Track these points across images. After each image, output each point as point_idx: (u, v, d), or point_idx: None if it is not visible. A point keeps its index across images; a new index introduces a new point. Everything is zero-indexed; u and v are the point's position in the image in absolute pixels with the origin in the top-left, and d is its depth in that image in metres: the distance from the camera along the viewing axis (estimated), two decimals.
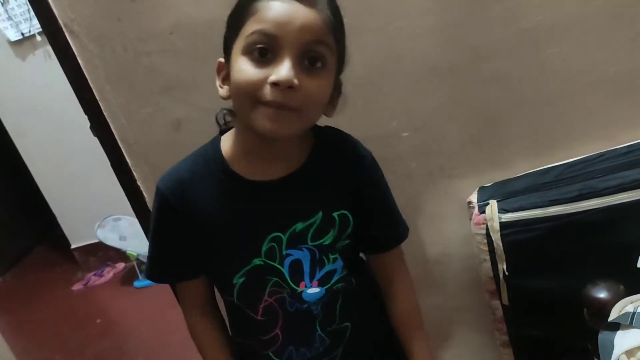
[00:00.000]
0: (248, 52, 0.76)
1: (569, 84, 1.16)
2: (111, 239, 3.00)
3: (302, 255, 0.87)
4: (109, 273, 3.23)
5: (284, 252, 0.86)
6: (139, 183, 1.29)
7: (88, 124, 1.28)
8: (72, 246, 3.37)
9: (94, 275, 3.24)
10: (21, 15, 2.80)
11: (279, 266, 0.86)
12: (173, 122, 1.23)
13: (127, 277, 3.13)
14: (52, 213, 3.28)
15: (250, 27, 0.76)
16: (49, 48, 2.65)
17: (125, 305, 2.93)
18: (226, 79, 0.83)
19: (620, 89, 1.15)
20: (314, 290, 0.88)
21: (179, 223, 0.88)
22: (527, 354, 1.26)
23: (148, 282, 2.94)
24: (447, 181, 1.26)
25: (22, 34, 2.83)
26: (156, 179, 1.29)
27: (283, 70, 0.73)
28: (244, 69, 0.76)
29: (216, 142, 0.90)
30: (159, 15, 1.15)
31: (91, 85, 1.22)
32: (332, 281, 0.89)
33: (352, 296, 0.93)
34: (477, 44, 1.15)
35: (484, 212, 1.15)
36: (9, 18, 2.81)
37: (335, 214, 0.87)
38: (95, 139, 1.29)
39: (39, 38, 2.81)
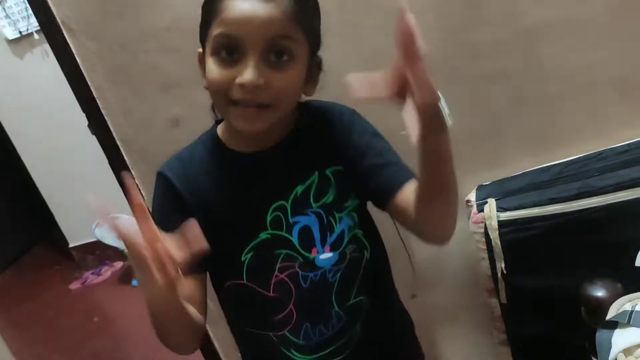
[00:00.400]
0: (215, 53, 0.78)
1: (567, 83, 1.16)
2: (109, 238, 2.98)
3: (310, 220, 0.87)
4: (106, 272, 3.22)
5: (291, 220, 0.87)
6: (137, 181, 1.29)
7: (86, 122, 1.28)
8: (70, 245, 3.37)
9: (92, 273, 3.24)
10: (19, 13, 2.80)
11: (287, 235, 0.87)
12: (171, 120, 1.23)
13: (125, 276, 3.12)
14: (50, 212, 3.28)
15: (215, 30, 0.78)
16: (46, 46, 2.64)
17: (122, 304, 2.93)
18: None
19: (618, 87, 1.16)
20: (326, 255, 0.88)
21: (185, 208, 0.87)
22: (525, 352, 1.26)
23: None
24: None
25: (20, 32, 2.82)
26: (154, 176, 1.29)
27: (247, 72, 0.75)
28: (213, 70, 0.79)
29: (212, 127, 0.93)
30: (157, 13, 1.15)
31: (89, 83, 1.22)
32: (344, 244, 0.89)
33: (368, 267, 0.92)
34: (476, 42, 1.15)
35: (482, 210, 1.15)
36: (7, 16, 2.80)
37: (328, 171, 0.88)
38: (93, 137, 1.28)
39: (36, 36, 2.80)
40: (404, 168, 0.89)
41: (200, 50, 0.86)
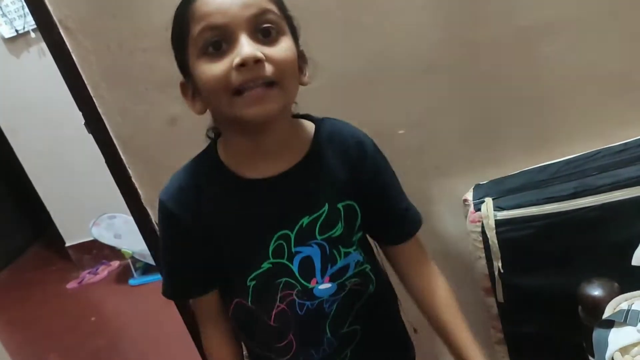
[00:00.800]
0: (203, 53, 0.75)
1: (565, 82, 1.16)
2: (106, 237, 2.99)
3: (312, 251, 0.85)
4: (103, 271, 3.22)
5: (293, 250, 0.84)
6: (134, 180, 1.29)
7: (83, 121, 1.27)
8: (67, 244, 3.36)
9: (89, 273, 3.23)
10: (15, 12, 2.79)
11: (287, 263, 0.85)
12: (169, 119, 1.23)
13: (122, 275, 3.12)
14: (47, 211, 3.27)
15: (195, 29, 0.75)
16: (43, 45, 2.64)
17: (120, 304, 2.92)
18: (195, 95, 0.82)
19: (616, 86, 1.16)
20: (325, 285, 0.85)
21: (186, 234, 0.87)
22: (522, 351, 1.26)
23: (143, 280, 2.95)
24: (442, 179, 1.26)
25: (16, 30, 2.82)
26: (152, 176, 1.29)
27: (244, 48, 0.72)
28: (207, 68, 0.75)
29: (211, 147, 0.89)
30: (155, 11, 1.15)
31: (86, 82, 1.21)
32: (345, 276, 0.87)
33: (368, 298, 0.91)
34: (474, 41, 1.15)
35: (479, 209, 1.15)
36: (3, 15, 2.79)
37: (339, 205, 0.85)
38: (90, 136, 1.28)
39: (33, 35, 2.80)
40: (416, 212, 0.95)
41: (183, 81, 0.84)
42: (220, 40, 0.74)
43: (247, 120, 0.76)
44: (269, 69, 0.74)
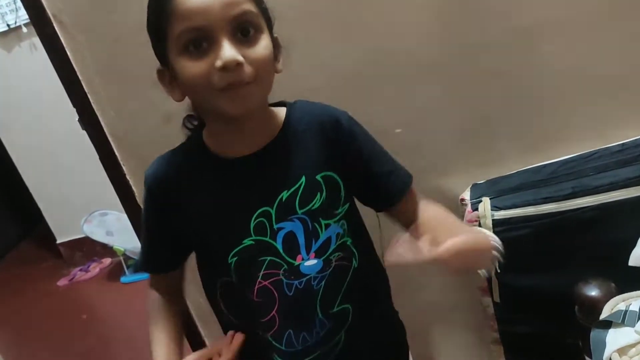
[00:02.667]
0: (184, 51, 0.77)
1: (562, 82, 1.16)
2: (98, 234, 2.97)
3: (294, 226, 0.85)
4: (95, 268, 3.20)
5: (275, 227, 0.85)
6: (128, 177, 1.28)
7: (75, 117, 1.26)
8: (58, 241, 3.33)
9: (80, 270, 3.21)
10: (7, 6, 2.76)
11: (271, 241, 0.85)
12: (164, 116, 1.22)
13: (114, 273, 3.10)
14: (38, 207, 3.24)
15: (176, 29, 0.76)
16: (35, 39, 2.62)
17: (111, 301, 2.90)
18: (173, 82, 0.83)
19: (613, 87, 1.16)
20: (311, 262, 0.86)
21: (164, 211, 0.90)
22: (518, 351, 1.26)
23: (135, 277, 2.93)
24: (439, 178, 1.26)
25: (8, 25, 2.79)
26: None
27: (225, 52, 0.74)
28: (188, 66, 0.77)
29: (197, 131, 0.92)
30: None
31: (80, 78, 1.20)
32: (329, 251, 0.87)
33: (356, 275, 0.91)
34: (471, 40, 1.14)
35: (476, 209, 1.15)
36: None
37: (318, 177, 0.86)
38: (83, 132, 1.27)
39: (25, 29, 2.77)
40: (404, 173, 0.94)
41: (159, 67, 0.84)
42: (201, 40, 0.76)
43: (228, 115, 0.79)
44: (248, 70, 0.76)
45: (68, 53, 1.19)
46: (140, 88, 1.20)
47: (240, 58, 0.74)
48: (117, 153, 1.26)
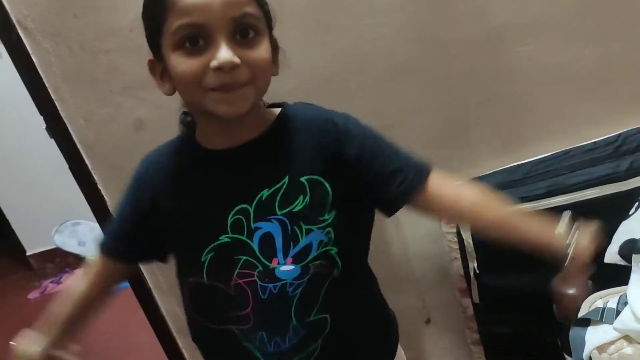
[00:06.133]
0: (179, 47, 0.75)
1: (536, 82, 1.17)
2: (69, 245, 2.91)
3: (272, 227, 0.82)
4: (67, 280, 3.14)
5: (253, 226, 0.82)
6: (99, 187, 1.24)
7: (44, 125, 1.22)
8: (28, 253, 3.28)
9: (52, 282, 3.15)
10: None
11: (247, 240, 0.83)
12: (135, 123, 1.19)
13: None
14: (6, 218, 3.18)
15: (173, 23, 0.74)
16: None
17: None
18: (164, 75, 0.81)
19: (585, 86, 1.17)
20: (288, 267, 0.83)
21: (145, 200, 0.89)
22: (498, 351, 1.27)
23: None
24: None
25: None
26: (119, 182, 1.24)
27: (222, 53, 0.72)
28: (182, 63, 0.75)
29: (191, 125, 0.91)
30: (118, 11, 1.11)
31: (46, 85, 1.16)
32: (309, 258, 0.84)
33: (335, 285, 0.87)
34: (446, 41, 1.15)
35: None
36: None
37: (303, 179, 0.83)
38: (52, 140, 1.23)
39: None
40: (415, 169, 0.86)
41: (151, 58, 0.82)
42: (198, 37, 0.74)
43: (218, 115, 0.77)
44: (245, 72, 0.74)
45: (34, 59, 1.15)
46: (109, 94, 1.18)
47: (237, 60, 0.72)
48: (87, 162, 1.22)
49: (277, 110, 0.88)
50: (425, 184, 0.86)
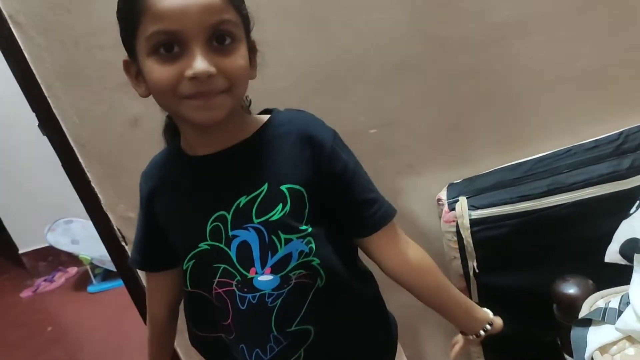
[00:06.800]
0: (153, 52, 0.73)
1: (536, 79, 1.16)
2: (62, 243, 2.89)
3: (249, 236, 0.81)
4: (60, 278, 3.12)
5: (230, 234, 0.81)
6: (93, 185, 1.22)
7: (37, 122, 1.20)
8: (20, 251, 3.24)
9: (44, 280, 3.13)
10: None
11: (225, 248, 0.81)
12: (129, 120, 1.17)
13: (80, 282, 3.02)
14: None
15: (148, 28, 0.72)
16: None
17: (78, 312, 2.82)
18: (139, 76, 0.79)
19: (586, 84, 1.17)
20: (266, 277, 0.81)
21: (150, 209, 0.90)
22: (497, 351, 1.26)
23: (103, 286, 2.86)
24: (415, 178, 1.24)
25: None
26: (113, 179, 1.23)
27: (197, 63, 0.70)
28: (156, 69, 0.73)
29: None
30: (113, 6, 1.08)
31: (39, 81, 1.15)
32: (288, 268, 0.81)
33: (320, 295, 0.84)
34: (445, 38, 1.13)
35: (453, 209, 1.14)
36: None
37: (283, 187, 0.81)
38: (45, 138, 1.21)
39: None
40: (388, 206, 0.88)
41: (126, 59, 0.80)
42: (172, 43, 0.72)
43: (194, 123, 0.76)
44: (220, 80, 0.72)
45: (26, 56, 1.13)
46: (103, 91, 1.16)
47: (212, 70, 0.71)
48: (81, 160, 1.20)
49: (266, 117, 0.86)
50: (392, 224, 0.88)
